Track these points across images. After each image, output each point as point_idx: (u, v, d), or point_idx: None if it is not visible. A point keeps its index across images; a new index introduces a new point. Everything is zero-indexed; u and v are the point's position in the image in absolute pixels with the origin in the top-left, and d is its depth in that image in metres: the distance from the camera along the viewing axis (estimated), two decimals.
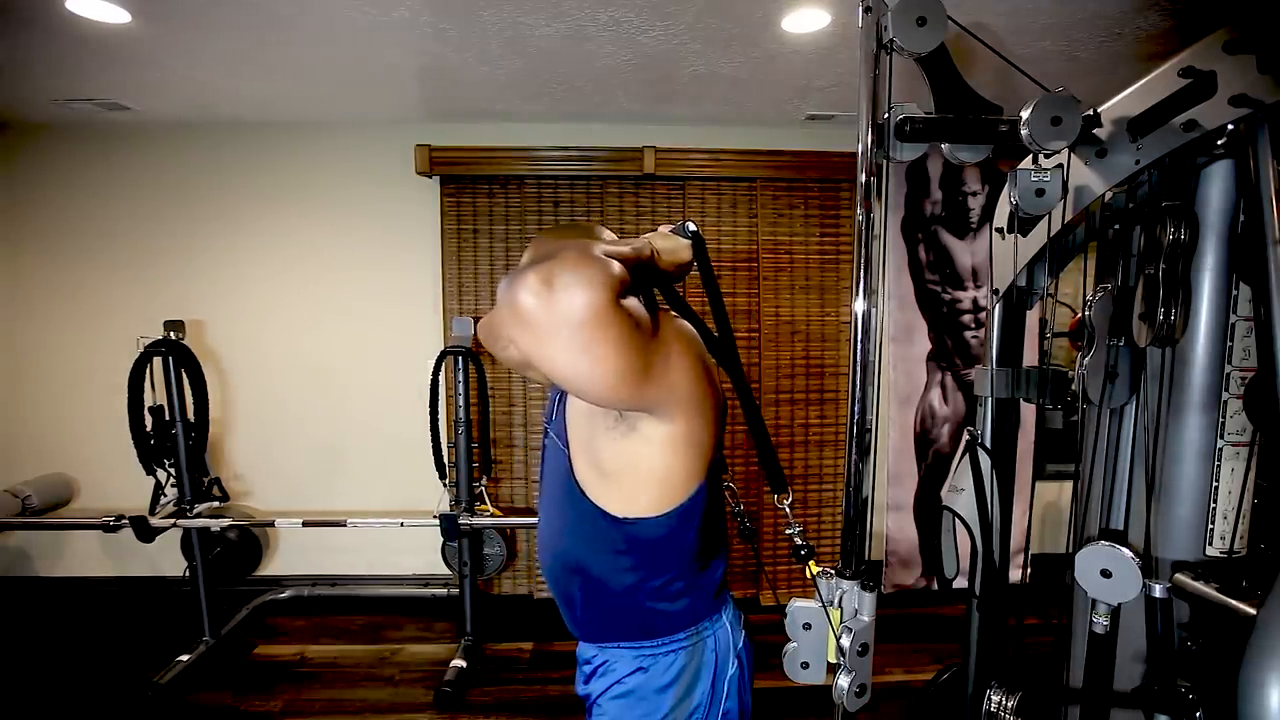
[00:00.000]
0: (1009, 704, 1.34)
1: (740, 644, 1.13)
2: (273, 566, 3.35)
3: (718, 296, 1.09)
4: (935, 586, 3.29)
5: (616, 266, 0.77)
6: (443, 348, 2.97)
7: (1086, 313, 1.28)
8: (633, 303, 0.81)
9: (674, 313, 1.04)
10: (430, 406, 2.89)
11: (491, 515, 2.81)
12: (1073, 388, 1.33)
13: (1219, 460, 1.19)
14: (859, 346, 1.04)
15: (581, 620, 1.11)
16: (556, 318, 0.72)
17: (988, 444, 1.59)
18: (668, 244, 1.01)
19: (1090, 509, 1.39)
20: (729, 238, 3.25)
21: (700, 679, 1.07)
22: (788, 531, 1.10)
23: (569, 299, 0.72)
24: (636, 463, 0.96)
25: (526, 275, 0.73)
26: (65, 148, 3.15)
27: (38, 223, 3.19)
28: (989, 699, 1.36)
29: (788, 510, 1.11)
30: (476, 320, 3.10)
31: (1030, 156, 1.16)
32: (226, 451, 3.30)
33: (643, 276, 0.93)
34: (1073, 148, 1.17)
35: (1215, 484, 1.20)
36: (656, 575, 1.03)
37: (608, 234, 0.94)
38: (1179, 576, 1.19)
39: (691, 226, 1.05)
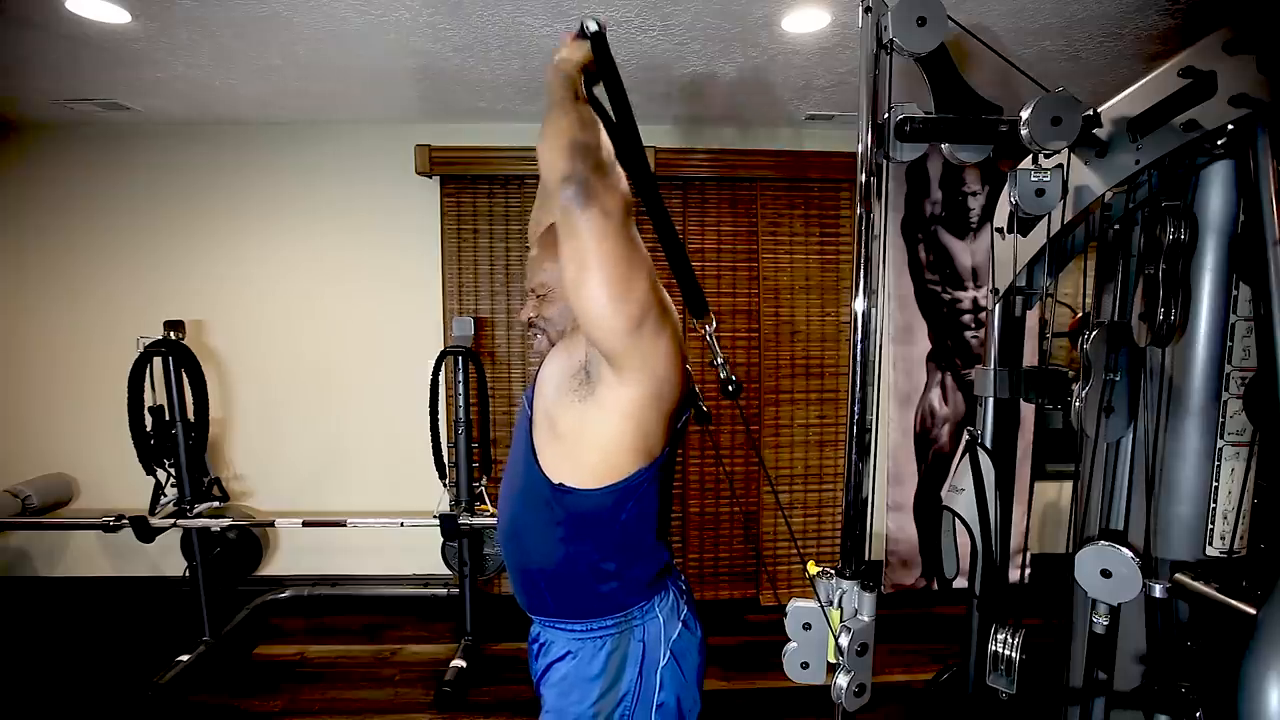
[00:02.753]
0: (1014, 641, 1.35)
1: (674, 635, 1.14)
2: (273, 566, 3.35)
3: (622, 97, 1.12)
4: (935, 586, 3.29)
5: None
6: (443, 348, 2.97)
7: (1085, 347, 1.28)
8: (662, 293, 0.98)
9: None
10: (430, 406, 2.89)
11: (491, 515, 2.81)
12: (1071, 391, 1.33)
13: (1219, 460, 1.19)
14: (859, 346, 1.04)
15: (522, 588, 1.17)
16: (613, 220, 0.91)
17: (988, 444, 1.59)
18: (578, 55, 1.08)
19: (1090, 509, 1.39)
20: (729, 238, 3.25)
21: (626, 667, 1.11)
22: (714, 363, 1.12)
23: (614, 203, 0.92)
24: (585, 426, 1.03)
25: (592, 205, 0.90)
26: (65, 148, 3.15)
27: (38, 222, 3.19)
28: (994, 638, 1.37)
29: (712, 340, 1.11)
30: (476, 320, 3.11)
31: (1030, 156, 1.16)
32: (226, 451, 3.30)
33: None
34: (1073, 148, 1.17)
35: (1215, 484, 1.20)
36: (586, 551, 1.08)
37: (585, 127, 0.97)
38: (1179, 576, 1.19)
39: (592, 26, 1.07)
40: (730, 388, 1.12)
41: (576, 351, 1.07)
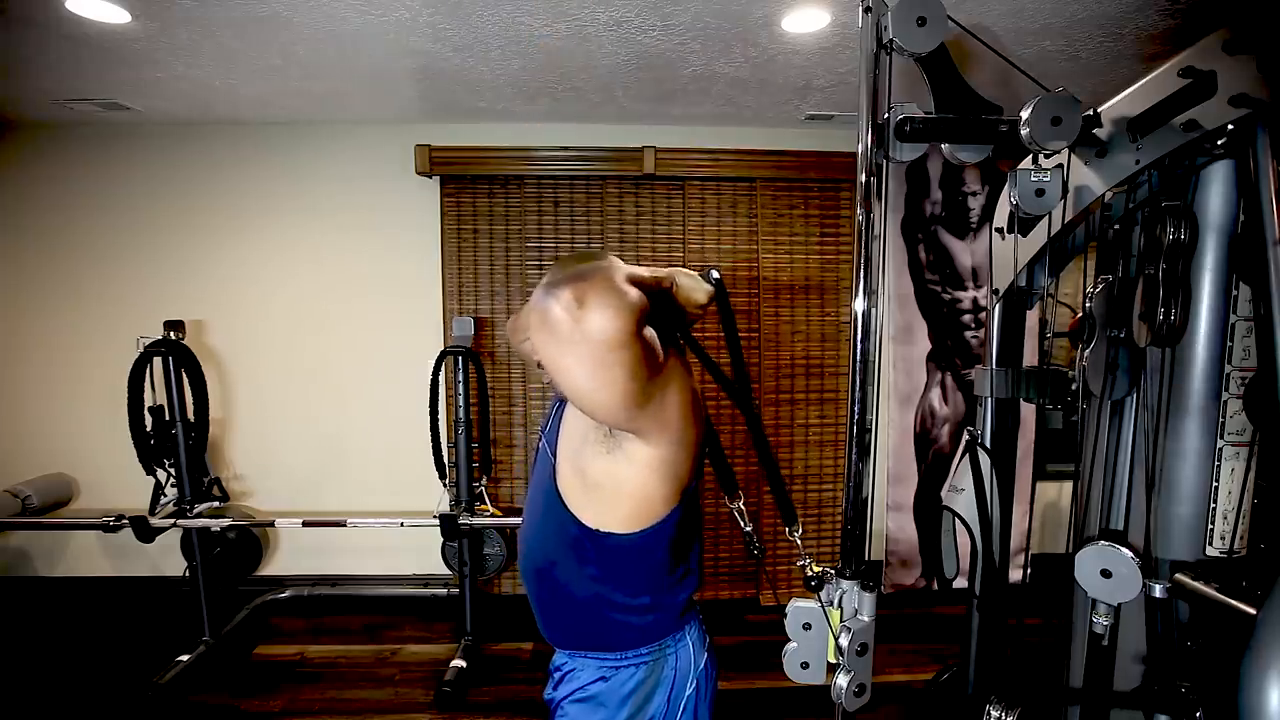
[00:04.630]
0: (1008, 719, 1.34)
1: (702, 666, 1.15)
2: (273, 566, 3.35)
3: (736, 344, 1.13)
4: (935, 586, 3.29)
5: (637, 296, 0.84)
6: (443, 348, 2.97)
7: (1087, 304, 1.28)
8: (650, 334, 0.88)
9: (678, 353, 1.07)
10: (430, 406, 2.89)
11: (491, 515, 2.81)
12: (1073, 386, 1.33)
13: (1219, 460, 1.19)
14: (859, 346, 1.04)
15: (549, 625, 1.16)
16: (581, 335, 0.79)
17: (988, 444, 1.59)
18: (688, 282, 1.06)
19: (1090, 509, 1.39)
20: (729, 238, 3.25)
21: (658, 692, 1.10)
22: (799, 564, 1.12)
23: (597, 320, 0.79)
24: (617, 478, 1.01)
25: (562, 289, 0.80)
26: (65, 148, 3.14)
27: (38, 222, 3.19)
28: (988, 714, 1.36)
29: (798, 541, 1.15)
30: (477, 320, 3.11)
31: (1030, 156, 1.16)
32: (226, 451, 3.30)
33: (659, 306, 0.98)
34: (1073, 148, 1.17)
35: (1215, 484, 1.20)
36: (621, 589, 1.06)
37: (620, 264, 0.93)
38: (1179, 576, 1.19)
39: (716, 275, 1.09)
40: (813, 584, 1.09)
41: None
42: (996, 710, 1.36)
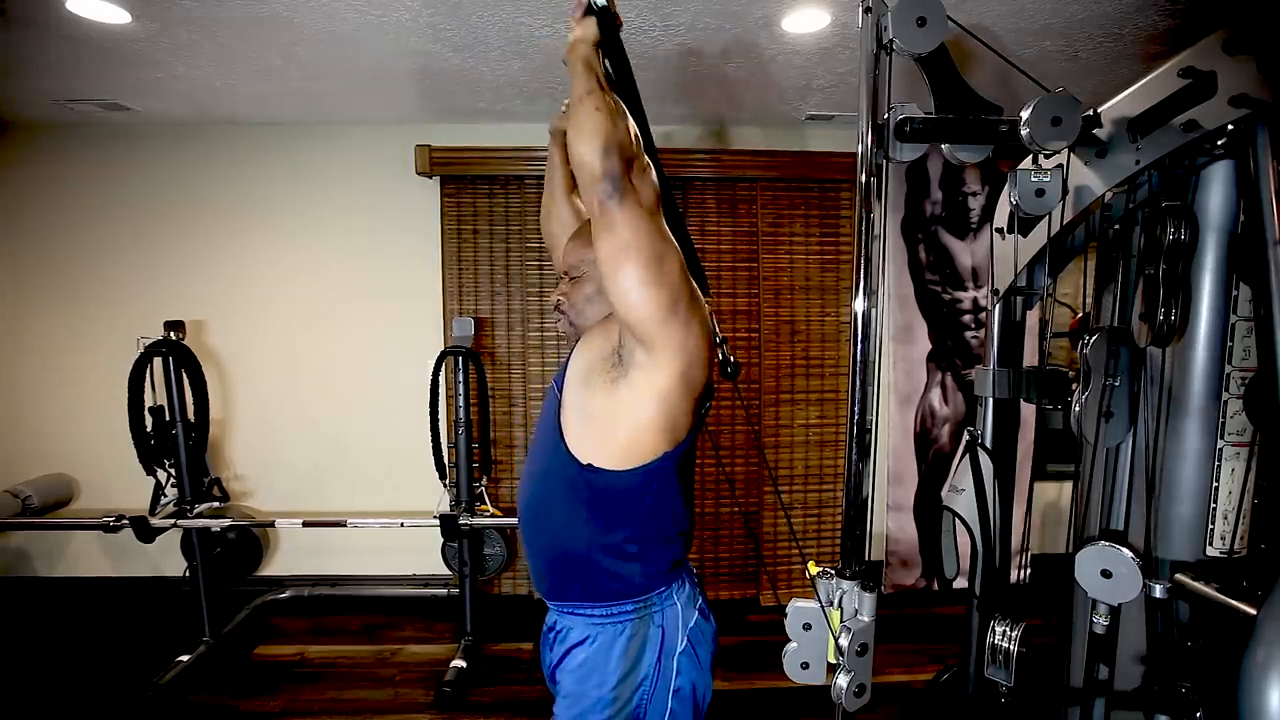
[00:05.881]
0: (1013, 634, 1.35)
1: (692, 623, 1.17)
2: (273, 567, 3.35)
3: (627, 70, 1.25)
4: (935, 586, 3.29)
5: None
6: (443, 348, 2.97)
7: (1084, 351, 1.28)
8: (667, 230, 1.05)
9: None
10: (430, 406, 2.89)
11: (491, 515, 2.81)
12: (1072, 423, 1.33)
13: (1219, 460, 1.19)
14: (859, 346, 1.04)
15: (542, 572, 1.19)
16: (626, 217, 0.97)
17: (988, 444, 1.59)
18: (591, 32, 1.13)
19: (1090, 509, 1.39)
20: (729, 238, 3.25)
21: (646, 652, 1.12)
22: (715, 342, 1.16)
23: (635, 202, 0.98)
24: (616, 409, 1.05)
25: (628, 200, 0.97)
26: (65, 148, 3.14)
27: (38, 223, 3.19)
28: (993, 630, 1.37)
29: (711, 319, 1.17)
30: (477, 320, 3.11)
31: (1030, 157, 1.17)
32: (227, 451, 3.30)
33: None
34: (1073, 148, 1.17)
35: (1215, 484, 1.20)
36: (610, 530, 1.10)
37: (608, 125, 1.01)
38: (1179, 576, 1.20)
39: (600, 0, 1.11)
40: (729, 369, 1.15)
41: (610, 336, 1.10)
42: (1001, 625, 1.37)
